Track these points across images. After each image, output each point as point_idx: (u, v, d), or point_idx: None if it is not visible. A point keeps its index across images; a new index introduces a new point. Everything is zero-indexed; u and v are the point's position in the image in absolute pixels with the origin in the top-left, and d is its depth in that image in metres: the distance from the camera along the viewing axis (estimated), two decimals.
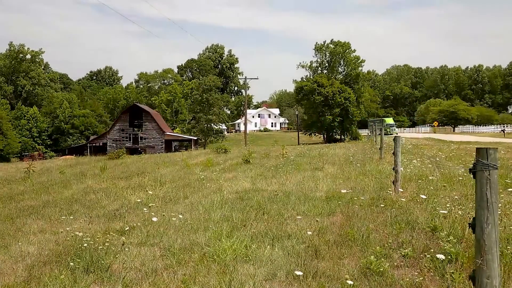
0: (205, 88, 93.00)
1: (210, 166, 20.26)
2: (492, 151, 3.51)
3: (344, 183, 13.12)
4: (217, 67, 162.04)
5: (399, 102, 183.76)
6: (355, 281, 5.20)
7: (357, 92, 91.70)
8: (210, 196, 11.71)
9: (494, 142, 40.35)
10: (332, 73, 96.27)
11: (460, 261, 5.53)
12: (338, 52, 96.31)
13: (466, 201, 8.97)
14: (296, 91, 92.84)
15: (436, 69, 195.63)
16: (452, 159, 19.40)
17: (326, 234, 7.25)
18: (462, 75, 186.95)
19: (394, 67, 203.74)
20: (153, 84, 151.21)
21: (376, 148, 25.30)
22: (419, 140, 48.81)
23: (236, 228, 7.89)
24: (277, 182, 13.96)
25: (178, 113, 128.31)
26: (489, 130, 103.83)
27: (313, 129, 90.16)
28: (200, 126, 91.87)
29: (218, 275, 5.57)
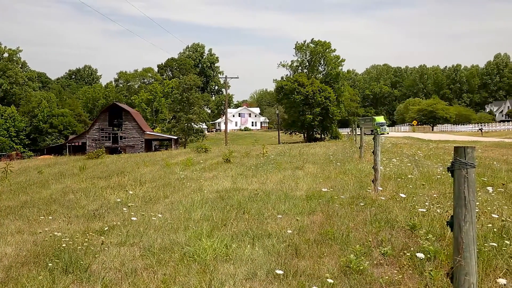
0: (186, 87, 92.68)
1: (190, 165, 20.19)
2: (469, 150, 3.54)
3: (324, 182, 13.16)
4: (197, 66, 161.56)
5: (378, 101, 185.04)
6: (335, 279, 5.21)
7: (337, 91, 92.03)
8: (191, 195, 11.67)
9: (472, 141, 40.79)
10: (312, 73, 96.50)
11: (439, 259, 5.58)
12: (318, 52, 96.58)
13: (444, 199, 9.05)
14: (277, 90, 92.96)
15: (415, 69, 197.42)
16: (431, 158, 19.57)
17: (306, 233, 7.27)
18: (441, 75, 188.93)
19: (374, 67, 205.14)
20: (133, 83, 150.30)
21: (356, 147, 25.45)
22: (398, 139, 49.19)
23: (217, 227, 7.88)
24: (257, 181, 13.96)
25: (158, 112, 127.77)
26: (467, 129, 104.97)
27: (293, 128, 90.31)
28: (180, 126, 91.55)
29: (199, 275, 5.55)
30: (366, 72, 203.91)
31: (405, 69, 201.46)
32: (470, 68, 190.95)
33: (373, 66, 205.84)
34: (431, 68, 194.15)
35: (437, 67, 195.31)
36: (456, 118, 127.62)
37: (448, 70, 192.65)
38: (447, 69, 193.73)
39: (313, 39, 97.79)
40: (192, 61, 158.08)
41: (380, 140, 11.69)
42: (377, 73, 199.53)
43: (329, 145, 36.27)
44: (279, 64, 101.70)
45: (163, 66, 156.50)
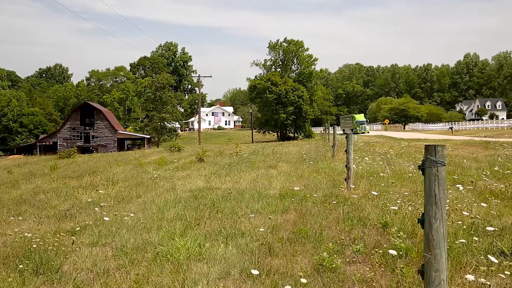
0: (158, 86, 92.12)
1: (163, 164, 20.09)
2: (440, 148, 3.58)
3: (297, 180, 13.21)
4: (170, 65, 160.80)
5: (351, 100, 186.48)
6: (308, 278, 5.24)
7: (310, 90, 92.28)
8: (164, 194, 11.61)
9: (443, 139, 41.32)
10: (285, 71, 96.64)
11: (410, 256, 5.65)
12: (291, 51, 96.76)
13: (415, 197, 9.16)
14: (250, 89, 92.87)
15: (387, 68, 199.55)
16: (402, 156, 19.78)
17: (279, 232, 7.29)
18: (412, 74, 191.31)
19: (346, 66, 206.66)
20: (105, 82, 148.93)
21: (329, 146, 25.59)
22: (370, 137, 49.62)
23: (190, 226, 7.85)
24: (231, 180, 13.96)
25: (131, 111, 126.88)
26: (438, 127, 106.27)
27: (267, 127, 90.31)
28: (153, 125, 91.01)
29: (172, 274, 5.53)
30: (339, 71, 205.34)
31: (377, 68, 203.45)
32: (441, 68, 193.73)
33: (346, 65, 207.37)
34: (403, 68, 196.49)
35: (409, 66, 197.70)
36: (427, 116, 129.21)
37: (419, 69, 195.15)
38: (418, 68, 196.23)
39: (286, 38, 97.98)
40: (165, 60, 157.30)
41: (353, 138, 11.78)
42: (350, 72, 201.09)
43: (302, 144, 36.40)
44: (252, 63, 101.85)
45: (135, 65, 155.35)
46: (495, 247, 5.99)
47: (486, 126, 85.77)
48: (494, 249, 5.91)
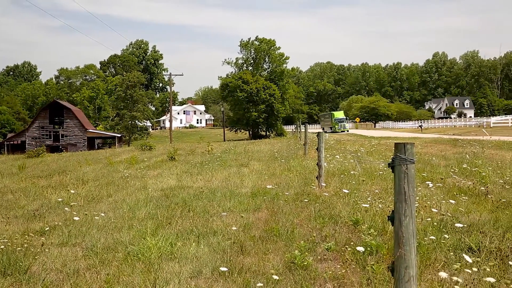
0: (129, 84, 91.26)
1: (134, 163, 19.94)
2: (409, 146, 3.62)
3: (269, 179, 13.24)
4: (141, 63, 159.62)
5: (322, 98, 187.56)
6: (280, 275, 5.25)
7: (281, 88, 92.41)
8: (135, 194, 11.53)
9: (412, 137, 41.82)
10: (257, 70, 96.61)
11: (380, 253, 5.71)
12: (263, 49, 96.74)
13: (386, 194, 9.26)
14: (222, 88, 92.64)
15: (358, 67, 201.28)
16: (373, 154, 19.97)
17: (251, 230, 7.30)
18: (382, 73, 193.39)
19: (318, 64, 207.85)
20: (74, 80, 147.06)
21: (300, 144, 25.70)
22: (341, 135, 49.98)
23: (161, 225, 7.81)
24: (202, 178, 13.92)
25: (101, 110, 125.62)
26: (407, 125, 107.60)
27: (238, 125, 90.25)
28: (124, 123, 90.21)
29: (143, 274, 5.49)
30: (310, 70, 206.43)
31: (348, 67, 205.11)
32: (410, 67, 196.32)
33: (317, 64, 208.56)
34: (373, 66, 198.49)
35: (379, 65, 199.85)
36: (397, 115, 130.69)
37: (389, 68, 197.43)
38: (388, 67, 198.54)
39: (257, 37, 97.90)
40: (136, 58, 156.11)
41: (324, 137, 11.84)
42: (321, 70, 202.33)
43: (274, 142, 36.49)
44: (224, 61, 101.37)
45: (105, 63, 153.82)
46: (463, 243, 6.09)
47: (454, 124, 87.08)
48: (463, 245, 6.01)
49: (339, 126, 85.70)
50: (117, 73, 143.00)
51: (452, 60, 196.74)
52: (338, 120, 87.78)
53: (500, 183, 10.85)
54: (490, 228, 6.82)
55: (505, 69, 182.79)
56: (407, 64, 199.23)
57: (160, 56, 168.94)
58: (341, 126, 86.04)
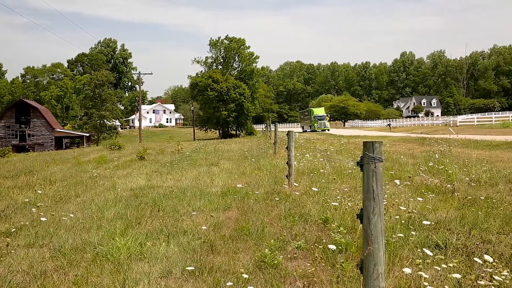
0: (98, 83, 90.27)
1: (103, 163, 19.73)
2: (377, 144, 3.66)
3: (239, 178, 13.24)
4: (109, 62, 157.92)
5: (292, 97, 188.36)
6: (250, 274, 5.26)
7: (251, 87, 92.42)
8: (104, 194, 11.40)
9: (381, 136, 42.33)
10: (227, 69, 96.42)
11: (350, 250, 5.75)
12: (232, 48, 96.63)
13: (355, 193, 9.34)
14: (191, 87, 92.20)
15: (327, 66, 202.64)
16: (342, 153, 20.13)
17: (221, 229, 7.29)
18: (351, 72, 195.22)
19: (287, 64, 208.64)
20: (41, 79, 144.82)
21: (270, 143, 25.75)
22: (311, 134, 50.25)
23: (131, 226, 7.74)
24: (172, 178, 13.86)
25: (69, 109, 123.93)
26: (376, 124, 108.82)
27: (208, 124, 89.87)
28: (92, 122, 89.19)
29: (112, 275, 5.44)
30: (280, 69, 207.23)
31: (318, 66, 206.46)
32: (379, 66, 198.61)
33: (287, 63, 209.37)
34: (342, 66, 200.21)
35: (348, 64, 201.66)
36: (366, 114, 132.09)
37: (358, 67, 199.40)
38: (357, 66, 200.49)
39: (227, 36, 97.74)
40: (104, 57, 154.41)
41: (294, 136, 11.89)
42: (291, 70, 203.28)
43: (244, 141, 36.52)
44: (193, 60, 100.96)
45: (73, 62, 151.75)
46: (430, 240, 6.19)
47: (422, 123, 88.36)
48: (430, 242, 6.11)
49: (318, 124, 79.21)
50: (85, 72, 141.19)
51: (419, 59, 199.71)
52: (318, 118, 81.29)
53: (466, 181, 11.06)
54: (456, 225, 6.94)
55: (470, 69, 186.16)
56: (375, 64, 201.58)
57: (129, 55, 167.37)
58: (320, 124, 79.34)
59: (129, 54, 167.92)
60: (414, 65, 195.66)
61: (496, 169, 12.91)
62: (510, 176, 11.64)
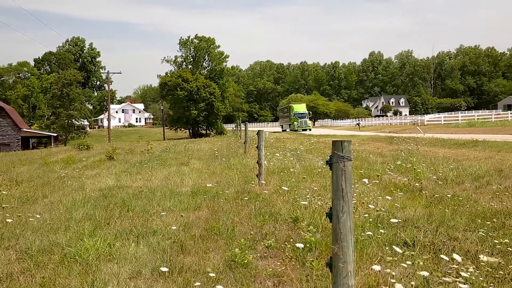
0: (65, 82, 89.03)
1: (71, 163, 19.46)
2: (346, 143, 3.69)
3: (209, 177, 13.21)
4: (77, 61, 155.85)
5: (262, 97, 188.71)
6: (221, 274, 5.25)
7: (221, 87, 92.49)
8: (72, 194, 11.24)
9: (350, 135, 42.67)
10: (197, 68, 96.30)
11: (319, 249, 5.79)
12: (202, 47, 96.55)
13: (325, 192, 9.41)
14: (161, 86, 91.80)
15: (297, 65, 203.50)
16: (312, 152, 20.26)
17: (191, 229, 7.26)
18: (321, 71, 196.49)
19: (257, 63, 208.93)
20: (7, 78, 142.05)
21: (240, 142, 25.76)
22: (281, 134, 50.40)
23: (100, 226, 7.65)
24: (142, 178, 13.75)
25: (36, 108, 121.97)
26: (346, 123, 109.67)
27: (178, 124, 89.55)
28: (60, 122, 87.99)
29: (80, 276, 5.37)
30: (250, 68, 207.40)
31: (288, 66, 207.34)
32: (348, 66, 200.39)
33: (257, 63, 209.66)
34: (312, 65, 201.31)
35: (317, 64, 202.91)
36: (335, 113, 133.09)
37: (327, 67, 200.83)
38: (326, 66, 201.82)
39: (197, 35, 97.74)
40: (72, 56, 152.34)
41: (264, 135, 11.92)
42: (261, 69, 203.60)
43: (214, 141, 36.46)
44: (163, 59, 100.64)
45: (40, 60, 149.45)
46: (399, 238, 6.27)
47: (390, 122, 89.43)
48: (398, 240, 6.19)
49: (299, 122, 71.01)
50: (53, 71, 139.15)
51: (387, 59, 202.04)
52: (298, 116, 72.69)
53: (433, 179, 11.23)
54: (424, 223, 7.04)
55: (437, 69, 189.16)
56: (344, 63, 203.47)
57: (97, 54, 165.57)
58: (301, 123, 71.11)
59: (98, 53, 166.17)
60: (383, 65, 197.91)
61: (462, 167, 13.14)
62: (476, 174, 11.86)
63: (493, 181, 10.89)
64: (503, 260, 5.36)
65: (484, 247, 5.92)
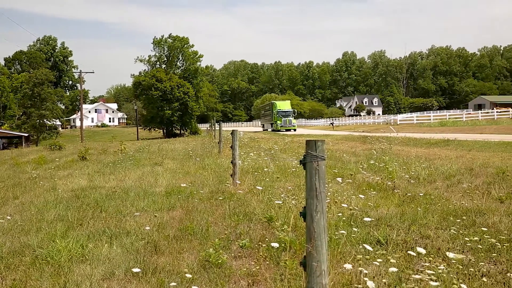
0: (37, 81, 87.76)
1: (43, 163, 19.21)
2: (320, 143, 3.70)
3: (184, 177, 13.16)
4: (49, 60, 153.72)
5: (236, 96, 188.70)
6: (195, 274, 5.23)
7: (196, 86, 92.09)
8: (44, 195, 11.10)
9: (324, 135, 42.93)
10: (171, 68, 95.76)
11: (294, 248, 5.81)
12: (176, 47, 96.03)
13: (299, 191, 9.44)
14: (135, 86, 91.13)
15: (271, 65, 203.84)
16: (286, 152, 20.33)
17: (165, 229, 7.22)
18: (295, 71, 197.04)
19: (231, 63, 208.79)
20: None
21: (215, 142, 25.71)
22: (256, 133, 50.43)
23: (72, 227, 7.57)
24: (115, 178, 13.63)
25: (6, 108, 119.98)
26: (320, 123, 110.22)
27: (152, 124, 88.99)
28: (31, 122, 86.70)
29: (52, 278, 5.30)
30: (224, 68, 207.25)
31: (262, 66, 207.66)
32: (322, 65, 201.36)
33: (231, 62, 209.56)
34: (286, 65, 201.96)
35: (291, 63, 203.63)
36: (309, 113, 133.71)
37: (301, 66, 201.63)
38: (300, 66, 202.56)
39: (171, 34, 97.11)
40: (44, 55, 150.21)
41: (238, 135, 11.92)
42: (235, 69, 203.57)
43: (188, 141, 36.32)
44: (136, 59, 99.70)
45: (11, 59, 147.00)
46: (372, 236, 6.32)
47: (364, 122, 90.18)
48: (371, 239, 6.24)
49: (282, 122, 63.40)
50: (23, 70, 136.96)
51: (361, 59, 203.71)
52: (282, 114, 64.58)
53: (406, 178, 11.36)
54: (396, 222, 7.12)
55: (410, 69, 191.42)
56: (318, 63, 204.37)
57: (69, 53, 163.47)
58: (285, 122, 63.28)
59: (70, 52, 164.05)
60: (356, 65, 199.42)
61: (434, 166, 13.33)
62: (447, 173, 12.04)
63: (464, 180, 11.07)
64: (473, 257, 5.45)
65: (455, 244, 6.01)
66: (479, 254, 5.56)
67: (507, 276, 4.90)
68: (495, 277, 4.90)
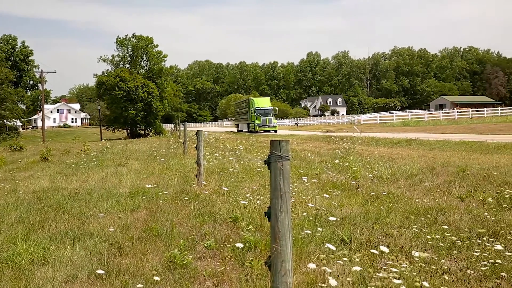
0: None
1: (3, 165, 18.82)
2: (284, 143, 3.71)
3: (148, 178, 13.07)
4: (9, 59, 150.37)
5: (201, 96, 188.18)
6: (160, 275, 5.19)
7: (160, 86, 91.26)
8: (4, 197, 10.86)
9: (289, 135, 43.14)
10: (135, 68, 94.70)
11: (259, 248, 5.82)
12: (140, 47, 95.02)
13: (264, 191, 9.46)
14: (98, 86, 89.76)
15: (236, 65, 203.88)
16: (251, 152, 20.35)
17: (129, 231, 7.15)
18: (260, 71, 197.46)
19: (196, 63, 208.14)
20: None
21: (180, 142, 25.58)
22: (221, 134, 50.37)
23: (33, 230, 7.42)
24: (78, 179, 13.44)
25: None
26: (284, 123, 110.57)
27: (116, 124, 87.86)
28: None
29: (13, 281, 5.19)
30: (189, 68, 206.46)
31: (227, 66, 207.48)
32: (286, 66, 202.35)
33: (196, 62, 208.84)
34: (251, 65, 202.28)
35: (256, 64, 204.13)
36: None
37: (266, 67, 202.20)
38: (265, 66, 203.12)
39: (134, 34, 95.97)
40: (3, 54, 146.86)
41: (203, 135, 11.89)
42: (200, 69, 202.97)
43: (153, 141, 36.07)
44: (99, 58, 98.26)
45: None
46: (336, 235, 6.38)
47: (328, 122, 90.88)
48: (336, 238, 6.29)
49: (261, 121, 56.45)
50: None
51: (325, 60, 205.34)
52: (261, 112, 57.60)
53: (369, 178, 11.50)
54: (360, 220, 7.20)
55: (373, 69, 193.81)
56: (283, 63, 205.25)
57: (30, 52, 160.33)
58: (264, 121, 56.35)
59: (31, 52, 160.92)
60: (320, 65, 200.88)
61: (397, 165, 13.52)
62: (409, 172, 12.23)
63: (426, 179, 11.27)
64: (435, 255, 5.55)
65: (418, 243, 6.11)
66: (440, 252, 5.66)
67: (467, 273, 5.00)
68: (455, 274, 5.00)
